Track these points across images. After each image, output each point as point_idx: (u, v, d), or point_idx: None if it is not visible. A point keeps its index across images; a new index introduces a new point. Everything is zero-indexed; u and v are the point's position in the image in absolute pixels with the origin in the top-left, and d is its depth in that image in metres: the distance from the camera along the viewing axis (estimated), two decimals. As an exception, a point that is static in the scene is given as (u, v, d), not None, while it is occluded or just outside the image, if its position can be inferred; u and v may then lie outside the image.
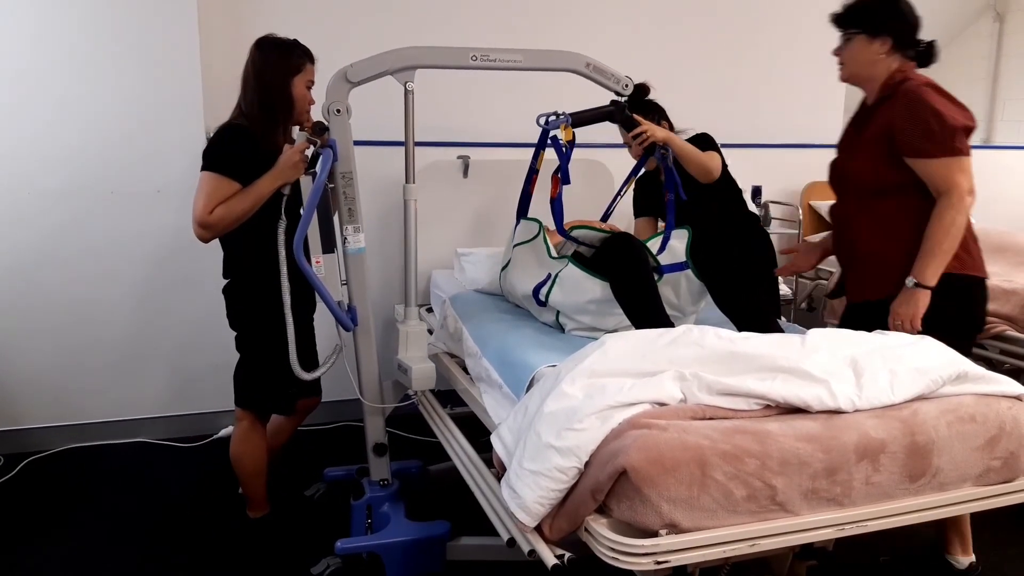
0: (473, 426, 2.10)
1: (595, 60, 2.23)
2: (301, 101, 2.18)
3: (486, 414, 1.94)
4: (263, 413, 2.36)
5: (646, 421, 1.40)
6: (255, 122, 2.13)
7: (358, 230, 2.10)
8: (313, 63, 2.21)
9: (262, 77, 2.13)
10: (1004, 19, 5.04)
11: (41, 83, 2.79)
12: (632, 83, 2.31)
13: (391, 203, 3.15)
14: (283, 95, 2.14)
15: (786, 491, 1.36)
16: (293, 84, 2.15)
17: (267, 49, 2.15)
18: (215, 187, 2.05)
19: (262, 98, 2.13)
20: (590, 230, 2.29)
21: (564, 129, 2.14)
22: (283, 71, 2.13)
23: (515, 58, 2.14)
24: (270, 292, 2.11)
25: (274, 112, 2.14)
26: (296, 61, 2.15)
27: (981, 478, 1.53)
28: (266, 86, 2.13)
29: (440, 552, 2.14)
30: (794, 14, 3.87)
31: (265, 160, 2.07)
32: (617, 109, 2.28)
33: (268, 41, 2.17)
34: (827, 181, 2.25)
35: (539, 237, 2.32)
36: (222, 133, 2.14)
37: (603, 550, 1.32)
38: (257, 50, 2.15)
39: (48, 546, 2.36)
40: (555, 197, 2.18)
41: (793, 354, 1.59)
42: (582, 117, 2.21)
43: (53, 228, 2.91)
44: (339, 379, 2.35)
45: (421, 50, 2.06)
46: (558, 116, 2.18)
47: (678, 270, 2.18)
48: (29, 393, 3.00)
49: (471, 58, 2.09)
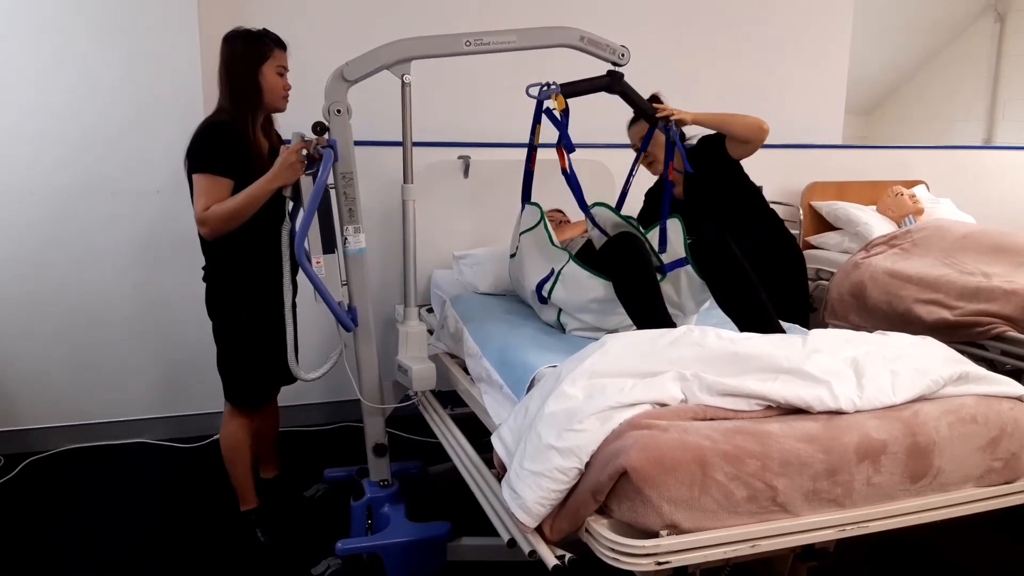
0: (474, 427, 2.09)
1: (589, 32, 2.20)
2: (273, 88, 2.17)
3: (486, 414, 1.94)
4: (241, 404, 2.36)
5: (647, 422, 1.40)
6: (231, 115, 2.14)
7: (359, 230, 2.09)
8: (284, 49, 2.19)
9: (230, 69, 2.13)
10: (1005, 19, 5.04)
11: (41, 84, 2.79)
12: (628, 53, 2.27)
13: (392, 203, 3.15)
14: (251, 84, 2.13)
15: (787, 492, 1.36)
16: (261, 72, 2.14)
17: (233, 41, 2.15)
18: (208, 187, 2.08)
19: (231, 89, 2.14)
20: (610, 211, 2.25)
21: (555, 98, 2.11)
22: (249, 60, 2.13)
23: (509, 39, 2.11)
24: (247, 282, 2.20)
25: (243, 102, 2.14)
26: (262, 48, 2.14)
27: (982, 479, 1.53)
28: (233, 77, 2.13)
29: (440, 553, 2.13)
30: (794, 14, 3.87)
31: (247, 152, 2.12)
32: (614, 79, 2.23)
33: (234, 33, 2.16)
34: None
35: (540, 225, 2.30)
36: (202, 133, 2.14)
37: (604, 551, 1.32)
38: (225, 44, 2.15)
39: (48, 546, 2.36)
40: (565, 170, 2.13)
41: (794, 355, 1.59)
42: (577, 87, 2.17)
43: (54, 228, 2.91)
44: (339, 379, 2.36)
45: (414, 41, 2.05)
46: (549, 86, 2.15)
47: (679, 266, 2.17)
48: (29, 393, 3.00)
49: (465, 43, 2.07)
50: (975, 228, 3.39)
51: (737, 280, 2.02)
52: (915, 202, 3.83)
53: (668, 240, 2.23)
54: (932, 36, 5.20)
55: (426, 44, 2.07)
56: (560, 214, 2.95)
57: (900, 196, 3.85)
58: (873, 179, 4.09)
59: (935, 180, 4.23)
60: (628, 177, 2.56)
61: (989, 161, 4.50)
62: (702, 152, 2.58)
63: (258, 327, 2.26)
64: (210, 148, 2.11)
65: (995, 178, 4.44)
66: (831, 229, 3.94)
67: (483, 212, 3.13)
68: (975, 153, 4.58)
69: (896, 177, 4.13)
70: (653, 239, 2.23)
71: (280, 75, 2.18)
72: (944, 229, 3.38)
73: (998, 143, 5.06)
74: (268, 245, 2.17)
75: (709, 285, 2.09)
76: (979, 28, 5.13)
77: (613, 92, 2.28)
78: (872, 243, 3.43)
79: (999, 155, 4.56)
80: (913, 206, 3.81)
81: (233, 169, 2.10)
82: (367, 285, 2.14)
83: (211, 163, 2.09)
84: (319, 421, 3.30)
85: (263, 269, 2.22)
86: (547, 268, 2.22)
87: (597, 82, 2.24)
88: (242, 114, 2.14)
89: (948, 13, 5.04)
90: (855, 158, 4.15)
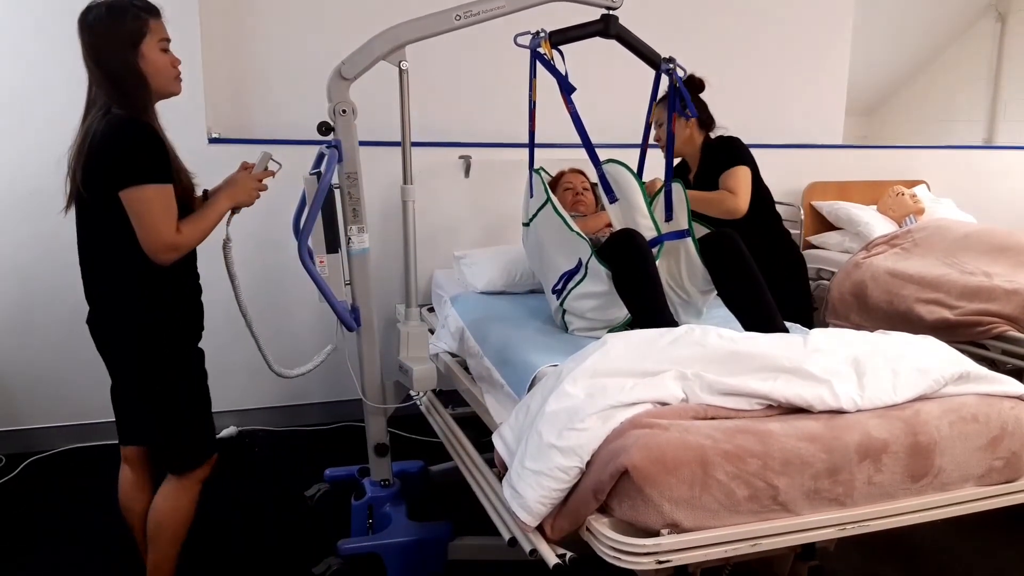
0: (475, 426, 2.10)
1: None
2: (161, 70, 1.73)
3: (488, 414, 1.94)
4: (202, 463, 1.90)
5: (648, 421, 1.40)
6: (133, 112, 1.68)
7: (362, 230, 2.09)
8: (158, 17, 1.73)
9: (99, 56, 1.67)
10: (1006, 20, 5.04)
11: (42, 85, 2.79)
12: None
13: (393, 203, 3.14)
14: (132, 71, 1.68)
15: (788, 491, 1.36)
16: (141, 54, 1.68)
17: (94, 21, 1.66)
18: (163, 199, 1.66)
19: (111, 81, 1.68)
20: (624, 168, 2.16)
21: (544, 45, 2.06)
22: (122, 43, 1.67)
23: (498, 4, 2.06)
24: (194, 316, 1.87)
25: (130, 94, 1.68)
26: (133, 25, 1.67)
27: (983, 478, 1.53)
28: (108, 66, 1.67)
29: (441, 552, 2.13)
30: (795, 15, 3.87)
31: (165, 149, 1.70)
32: (609, 23, 2.14)
33: (92, 10, 1.67)
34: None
35: (548, 205, 2.18)
36: (130, 134, 1.65)
37: (605, 550, 1.32)
38: (83, 25, 1.67)
39: (49, 546, 2.36)
40: (572, 113, 2.04)
41: (795, 354, 1.59)
42: (568, 34, 2.10)
43: (54, 229, 2.90)
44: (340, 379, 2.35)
45: (404, 26, 2.03)
46: (538, 34, 2.07)
47: (677, 238, 2.14)
48: (30, 393, 3.00)
49: (455, 18, 2.04)
50: (976, 228, 3.39)
51: (743, 276, 2.02)
52: (916, 202, 3.83)
53: (672, 207, 2.19)
54: (933, 36, 5.19)
55: (418, 26, 2.03)
56: (580, 177, 2.85)
57: (901, 196, 3.85)
58: (874, 179, 4.09)
59: (936, 180, 4.24)
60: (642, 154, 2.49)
61: (990, 161, 4.50)
62: (721, 150, 2.60)
63: (202, 360, 1.91)
64: (144, 151, 1.64)
65: (996, 178, 4.44)
66: (832, 229, 3.94)
67: (484, 212, 3.14)
68: (976, 153, 4.58)
69: (897, 177, 4.13)
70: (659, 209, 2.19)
71: (164, 51, 1.73)
72: (945, 229, 3.38)
73: (999, 143, 5.06)
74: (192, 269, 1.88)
75: (715, 280, 2.08)
76: (980, 28, 5.13)
77: (609, 36, 2.17)
78: (873, 243, 3.44)
79: (1000, 155, 4.56)
80: (914, 206, 3.81)
81: (170, 173, 1.69)
82: (369, 285, 2.14)
83: (153, 170, 1.64)
84: (320, 420, 3.30)
85: (196, 294, 1.91)
86: (574, 258, 2.10)
87: (590, 27, 2.14)
88: (139, 107, 1.69)
89: (949, 13, 5.04)
90: (856, 158, 4.15)
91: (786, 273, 2.69)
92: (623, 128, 2.79)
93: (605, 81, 3.16)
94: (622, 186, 2.16)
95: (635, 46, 2.22)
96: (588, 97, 2.34)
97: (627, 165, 2.17)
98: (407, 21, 2.03)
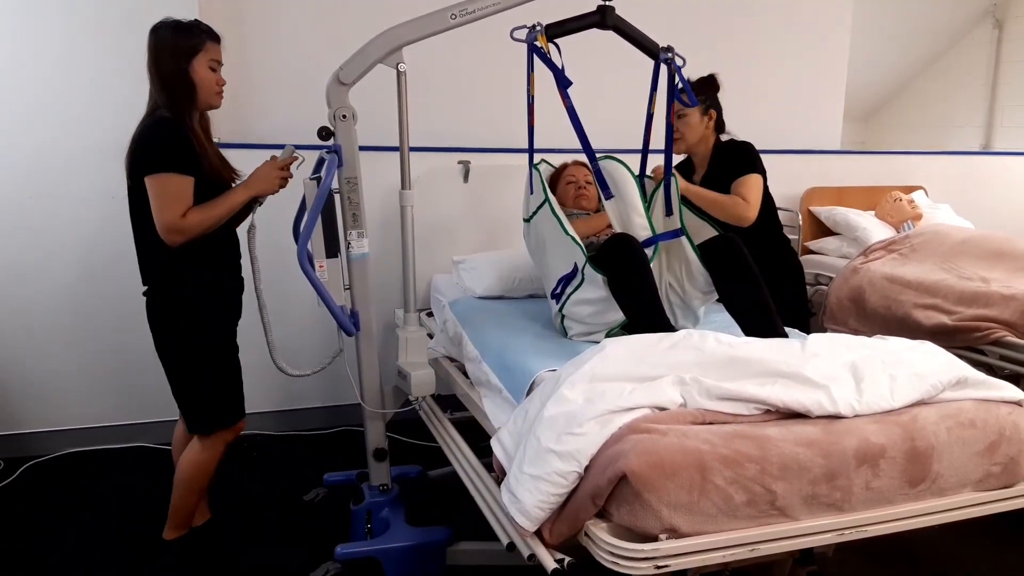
0: (473, 431, 2.10)
1: None
2: (206, 84, 2.01)
3: (486, 419, 1.94)
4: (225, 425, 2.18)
5: (646, 426, 1.40)
6: (171, 112, 1.98)
7: (362, 235, 2.10)
8: (217, 42, 2.04)
9: (158, 63, 1.97)
10: (1003, 26, 5.05)
11: (42, 87, 2.80)
12: None
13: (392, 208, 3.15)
14: (182, 79, 1.97)
15: (786, 496, 1.36)
16: (192, 67, 1.98)
17: (161, 33, 1.99)
18: (177, 189, 1.93)
19: (163, 85, 1.98)
20: (620, 165, 2.15)
21: (541, 38, 2.06)
22: (178, 54, 1.97)
23: (492, 1, 2.04)
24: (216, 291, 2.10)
25: (176, 98, 1.98)
26: (192, 41, 1.98)
27: (981, 483, 1.53)
28: (163, 72, 1.97)
29: (440, 557, 2.13)
30: (794, 20, 3.88)
31: (196, 150, 1.98)
32: (605, 14, 2.12)
33: (163, 25, 2.00)
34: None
35: (547, 206, 2.18)
36: (155, 129, 1.97)
37: (603, 554, 1.32)
38: (152, 35, 1.99)
39: (48, 550, 2.36)
40: (568, 108, 2.02)
41: (793, 359, 1.59)
42: (565, 26, 2.09)
43: (54, 232, 2.91)
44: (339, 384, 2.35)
45: (400, 28, 2.02)
46: (535, 28, 2.07)
47: (671, 238, 2.14)
48: (29, 397, 3.00)
49: (451, 17, 2.03)
50: (973, 233, 3.40)
51: (746, 280, 2.02)
52: (913, 207, 3.84)
53: (671, 203, 2.18)
54: (930, 42, 5.21)
55: (414, 27, 2.03)
56: (584, 170, 2.83)
57: (899, 201, 3.86)
58: (872, 184, 4.11)
59: (933, 185, 4.25)
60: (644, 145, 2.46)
61: (987, 166, 4.52)
62: (733, 154, 2.61)
63: (233, 338, 2.17)
64: (169, 145, 1.94)
65: (993, 183, 4.45)
66: (830, 234, 3.95)
67: (483, 217, 3.14)
68: (973, 159, 4.59)
69: (895, 182, 4.14)
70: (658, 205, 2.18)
71: (213, 70, 2.03)
72: (942, 234, 3.39)
73: (996, 149, 5.07)
74: (224, 248, 2.12)
75: (716, 283, 2.09)
76: (977, 34, 5.15)
77: (605, 28, 2.15)
78: (871, 248, 3.44)
79: (997, 160, 4.58)
80: (911, 211, 3.82)
81: (193, 167, 1.96)
82: (369, 290, 2.15)
83: (174, 162, 1.93)
84: (319, 425, 3.30)
85: (224, 274, 2.14)
86: (570, 262, 2.11)
87: (587, 19, 2.12)
88: (181, 111, 1.99)
89: (946, 19, 5.06)
90: (854, 164, 4.16)
91: (786, 280, 2.70)
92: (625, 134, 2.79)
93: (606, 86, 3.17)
94: (618, 183, 2.17)
95: (633, 36, 2.22)
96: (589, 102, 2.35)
97: (623, 162, 2.18)
98: (404, 23, 2.03)
